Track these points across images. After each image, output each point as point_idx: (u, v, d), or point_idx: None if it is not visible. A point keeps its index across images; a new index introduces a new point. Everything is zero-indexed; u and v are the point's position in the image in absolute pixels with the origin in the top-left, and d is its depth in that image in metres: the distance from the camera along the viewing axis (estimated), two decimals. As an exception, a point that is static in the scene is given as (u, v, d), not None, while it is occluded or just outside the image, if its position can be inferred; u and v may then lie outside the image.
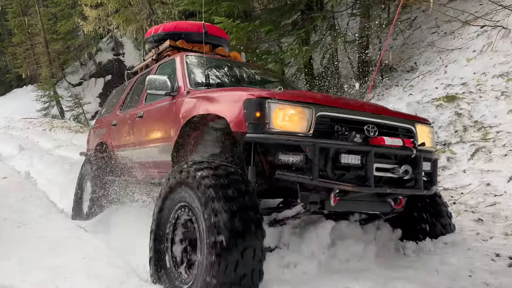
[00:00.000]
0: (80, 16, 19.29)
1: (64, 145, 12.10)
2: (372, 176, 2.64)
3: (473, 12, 9.92)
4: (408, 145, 2.79)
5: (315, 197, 2.75)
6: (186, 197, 2.70)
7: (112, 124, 5.43)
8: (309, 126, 2.64)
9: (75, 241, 3.60)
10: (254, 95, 2.69)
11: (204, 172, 2.56)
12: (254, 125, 2.63)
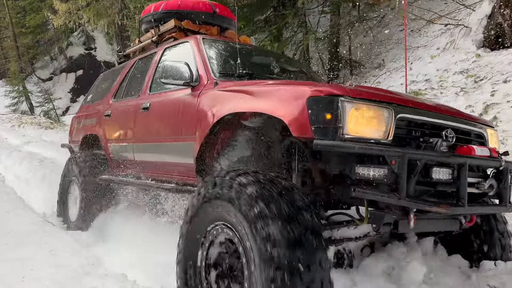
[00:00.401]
0: (50, 10, 18.88)
1: (33, 141, 11.90)
2: (465, 194, 2.16)
3: (438, 11, 10.27)
4: (494, 154, 2.40)
5: (389, 218, 2.34)
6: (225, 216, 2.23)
7: (105, 115, 4.82)
8: (388, 131, 2.19)
9: (42, 235, 3.64)
10: (323, 91, 2.21)
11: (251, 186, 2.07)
12: (323, 130, 2.14)
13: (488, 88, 6.26)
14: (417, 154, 2.10)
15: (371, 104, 2.16)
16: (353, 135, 2.11)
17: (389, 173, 2.09)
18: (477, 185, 2.36)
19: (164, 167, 3.69)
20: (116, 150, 4.53)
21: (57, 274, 2.77)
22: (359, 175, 2.16)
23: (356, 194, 2.19)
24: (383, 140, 2.17)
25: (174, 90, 3.54)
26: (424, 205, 2.11)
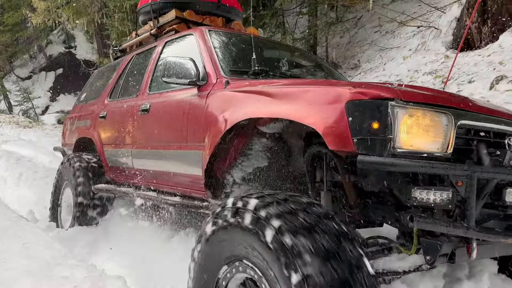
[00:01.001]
0: (29, 8, 18.71)
1: (11, 140, 11.82)
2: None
3: (412, 13, 10.56)
4: None
5: (447, 248, 1.92)
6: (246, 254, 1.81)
7: (100, 116, 4.47)
8: (448, 143, 1.76)
9: (16, 230, 3.72)
10: (367, 94, 1.77)
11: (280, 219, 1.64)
12: (369, 142, 1.73)
13: (454, 88, 6.51)
14: (490, 172, 1.73)
15: (427, 109, 1.74)
16: (407, 148, 1.71)
17: (454, 196, 1.73)
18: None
19: (167, 177, 3.33)
20: (113, 156, 4.20)
21: (29, 265, 2.87)
22: (416, 200, 1.73)
23: (416, 224, 1.74)
24: (442, 154, 1.75)
25: (177, 90, 3.20)
26: (498, 236, 1.77)
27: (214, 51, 3.08)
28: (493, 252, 2.17)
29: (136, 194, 3.63)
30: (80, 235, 3.84)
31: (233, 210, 1.85)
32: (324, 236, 1.57)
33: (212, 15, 4.27)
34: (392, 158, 1.66)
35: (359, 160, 1.72)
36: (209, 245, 1.98)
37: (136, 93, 3.92)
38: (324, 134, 1.84)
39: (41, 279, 2.67)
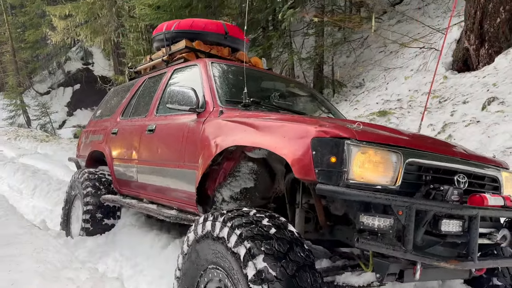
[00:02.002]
0: (49, 26, 19.52)
1: (28, 153, 12.33)
2: (476, 248, 1.95)
3: (415, 33, 10.83)
4: (509, 204, 2.17)
5: (395, 268, 2.15)
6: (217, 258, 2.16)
7: (112, 132, 4.75)
8: (396, 177, 2.01)
9: (28, 237, 4.06)
10: (328, 132, 2.04)
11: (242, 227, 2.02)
12: (326, 173, 2.00)
13: (449, 108, 6.74)
14: (426, 205, 1.91)
15: (379, 147, 2.00)
16: (359, 180, 1.97)
17: (395, 223, 1.94)
18: (489, 236, 2.15)
19: (166, 192, 3.60)
20: (120, 169, 4.48)
21: (38, 267, 3.19)
22: (363, 224, 1.97)
23: (360, 245, 2.02)
24: (390, 187, 2.00)
25: (180, 115, 3.45)
26: (431, 259, 1.92)
27: (214, 82, 3.36)
28: (438, 276, 2.43)
29: (138, 206, 3.92)
30: (86, 243, 4.16)
31: (207, 222, 2.20)
32: (278, 241, 1.91)
33: (219, 45, 4.53)
34: (345, 188, 1.93)
35: (318, 188, 1.99)
36: (190, 252, 2.35)
37: (145, 114, 4.21)
38: (292, 164, 2.13)
39: (49, 280, 2.98)
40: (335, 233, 2.45)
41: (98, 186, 4.61)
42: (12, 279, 3.02)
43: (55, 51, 25.47)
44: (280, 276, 1.78)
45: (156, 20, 12.04)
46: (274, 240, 1.92)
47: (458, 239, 2.02)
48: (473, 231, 1.93)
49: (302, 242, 2.01)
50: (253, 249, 1.88)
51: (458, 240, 2.03)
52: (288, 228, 2.05)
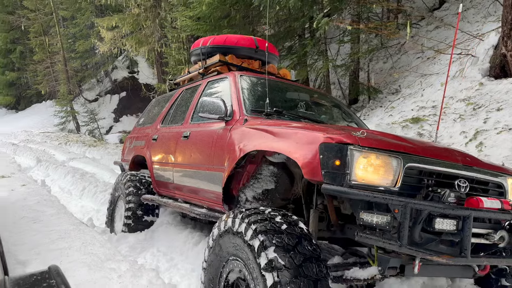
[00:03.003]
0: (97, 37, 20.57)
1: (77, 157, 13.10)
2: (469, 246, 2.11)
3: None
4: (506, 207, 2.31)
5: (395, 262, 2.37)
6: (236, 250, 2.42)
7: (152, 138, 5.12)
8: (396, 180, 2.22)
9: (77, 232, 4.49)
10: (334, 139, 2.27)
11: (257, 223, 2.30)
12: (331, 175, 2.23)
13: (483, 115, 6.72)
14: (420, 204, 2.08)
15: (379, 153, 2.20)
16: (360, 182, 2.17)
17: (392, 220, 2.11)
18: (487, 236, 2.30)
19: (198, 192, 3.90)
20: (159, 172, 4.83)
21: (85, 259, 3.59)
22: (363, 221, 2.19)
23: (359, 238, 2.25)
24: (390, 188, 2.20)
25: (211, 123, 3.73)
26: (424, 253, 2.10)
27: (241, 93, 3.65)
28: (439, 272, 2.58)
29: (173, 204, 4.30)
30: (127, 238, 4.55)
31: (229, 219, 2.50)
32: (288, 236, 2.18)
33: (250, 58, 4.85)
34: (347, 188, 2.15)
35: (323, 188, 2.24)
36: (214, 246, 2.64)
37: (181, 122, 4.56)
38: (302, 166, 2.38)
39: (94, 269, 3.36)
40: (345, 231, 2.69)
41: (139, 186, 5.02)
42: (62, 268, 3.42)
43: (103, 61, 26.66)
44: (288, 265, 2.04)
45: (196, 30, 12.54)
46: (284, 234, 2.18)
47: (453, 238, 2.18)
48: (466, 230, 2.09)
49: (310, 238, 2.26)
50: (266, 242, 2.14)
51: (455, 239, 2.17)
52: (299, 225, 2.31)
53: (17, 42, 31.18)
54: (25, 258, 3.75)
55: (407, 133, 7.41)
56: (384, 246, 2.17)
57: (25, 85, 31.66)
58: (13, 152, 14.86)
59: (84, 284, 3.09)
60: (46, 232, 4.57)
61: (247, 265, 2.27)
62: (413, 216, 2.10)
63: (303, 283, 1.98)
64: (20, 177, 8.82)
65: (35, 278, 1.14)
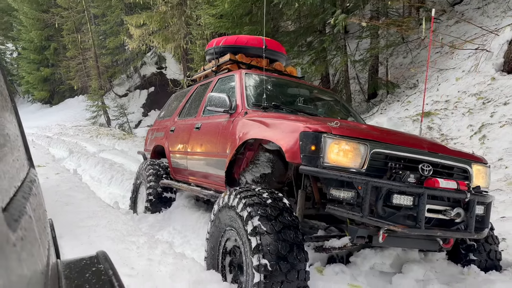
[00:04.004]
0: (127, 34, 21.29)
1: (107, 149, 13.81)
2: (423, 218, 2.45)
3: (473, 34, 10.81)
4: (462, 188, 2.62)
5: (363, 232, 2.70)
6: (231, 221, 2.79)
7: (170, 130, 5.56)
8: (363, 162, 2.56)
9: (104, 213, 5.02)
10: (311, 128, 2.66)
11: (247, 198, 2.68)
12: (308, 158, 2.61)
13: (490, 109, 6.92)
14: (379, 182, 2.43)
15: (349, 140, 2.56)
16: (332, 164, 2.54)
17: (356, 195, 2.48)
18: (444, 212, 2.63)
19: (207, 177, 4.32)
20: (175, 160, 5.25)
21: (110, 234, 4.09)
22: (332, 196, 2.59)
23: (328, 210, 2.66)
24: (358, 170, 2.54)
25: (218, 115, 4.11)
26: (383, 223, 2.44)
27: (245, 89, 4.04)
28: (404, 244, 2.92)
29: (185, 187, 4.79)
30: (148, 218, 5.06)
31: (226, 196, 2.92)
32: (271, 208, 2.59)
33: (259, 57, 5.20)
34: (320, 169, 2.55)
35: (301, 168, 2.65)
36: (214, 219, 3.07)
37: (195, 115, 4.99)
38: (285, 151, 2.81)
39: (116, 242, 3.86)
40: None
41: (158, 173, 5.51)
42: (90, 241, 3.93)
43: (132, 57, 27.34)
44: (269, 231, 2.44)
45: (219, 28, 13.00)
46: (268, 207, 2.59)
47: (411, 212, 2.52)
48: (420, 205, 2.45)
49: (291, 211, 2.66)
50: (252, 212, 2.56)
51: (413, 213, 2.51)
52: (282, 200, 2.71)
53: (51, 39, 32.33)
54: (59, 233, 4.30)
55: (417, 127, 7.66)
56: (349, 216, 2.57)
57: (58, 80, 32.61)
58: (48, 144, 15.76)
59: (108, 253, 3.59)
60: (76, 213, 5.12)
61: (239, 232, 2.67)
62: (375, 192, 2.47)
63: (281, 246, 2.38)
64: (54, 167, 9.52)
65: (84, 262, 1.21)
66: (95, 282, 1.09)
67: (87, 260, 1.24)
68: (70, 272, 1.15)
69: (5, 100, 0.91)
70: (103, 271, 1.14)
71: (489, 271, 3.16)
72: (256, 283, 2.38)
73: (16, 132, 0.98)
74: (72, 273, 1.14)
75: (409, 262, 3.12)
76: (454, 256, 3.33)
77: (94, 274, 1.13)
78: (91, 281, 1.09)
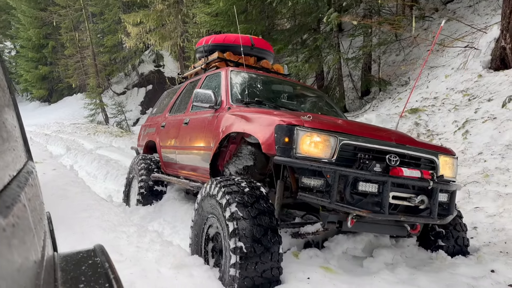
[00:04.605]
0: (124, 32, 21.43)
1: (104, 146, 14.00)
2: (387, 204, 2.64)
3: (463, 32, 10.99)
4: (426, 176, 2.79)
5: (333, 218, 2.86)
6: (212, 209, 2.96)
7: (161, 126, 5.71)
8: (333, 153, 2.73)
9: (97, 206, 5.21)
10: (285, 121, 2.82)
11: (226, 187, 2.85)
12: (282, 149, 2.76)
13: (475, 105, 7.10)
14: (346, 171, 2.63)
15: (320, 132, 2.74)
16: (304, 154, 2.71)
17: (325, 183, 2.69)
18: (409, 199, 2.82)
19: (194, 170, 4.50)
20: (166, 154, 5.42)
21: (102, 224, 4.28)
22: (303, 184, 2.78)
23: (300, 197, 2.85)
24: (328, 160, 2.72)
25: (205, 111, 4.28)
26: (349, 208, 2.63)
27: (229, 86, 4.20)
28: (373, 229, 3.08)
29: (174, 180, 4.95)
30: (139, 210, 5.25)
31: (207, 186, 3.10)
32: (248, 196, 2.77)
33: (246, 55, 5.33)
34: (292, 159, 2.72)
35: (275, 159, 2.83)
36: (198, 208, 3.25)
37: (184, 111, 5.14)
38: (262, 143, 2.98)
39: (108, 232, 4.05)
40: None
41: (149, 167, 5.70)
42: (83, 231, 4.12)
43: (130, 55, 27.39)
44: (246, 216, 2.64)
45: (214, 26, 13.16)
46: (246, 195, 2.77)
47: (377, 199, 2.72)
48: (384, 192, 2.66)
49: (267, 198, 2.84)
50: (230, 200, 2.74)
51: (378, 200, 2.71)
52: (260, 189, 2.89)
53: (49, 38, 32.42)
54: (54, 225, 4.49)
55: (405, 123, 7.85)
56: (318, 203, 2.76)
57: (57, 78, 32.72)
58: (46, 141, 15.94)
59: (100, 241, 3.78)
60: (71, 206, 5.31)
61: (219, 219, 2.86)
62: (343, 180, 2.66)
63: (255, 230, 2.57)
64: (51, 163, 9.70)
65: (81, 255, 1.22)
66: (91, 274, 1.09)
67: (84, 253, 1.25)
68: (66, 265, 1.15)
69: (3, 91, 0.92)
70: (99, 264, 1.15)
71: (456, 256, 3.37)
72: (232, 264, 2.56)
73: (13, 123, 0.98)
74: (68, 266, 1.15)
75: (380, 247, 3.31)
76: (424, 243, 3.54)
77: (90, 267, 1.13)
78: (87, 273, 1.10)
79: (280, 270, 2.64)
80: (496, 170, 4.98)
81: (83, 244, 3.63)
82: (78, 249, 1.29)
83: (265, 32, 13.39)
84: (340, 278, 2.73)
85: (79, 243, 3.80)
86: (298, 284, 2.57)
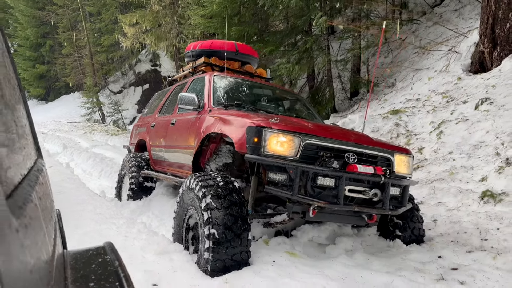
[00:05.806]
0: (121, 32, 21.72)
1: (99, 145, 14.33)
2: (342, 196, 2.99)
3: (448, 35, 11.37)
4: (379, 172, 3.12)
5: (297, 208, 3.17)
6: (191, 201, 3.29)
7: (151, 125, 6.01)
8: (297, 152, 3.06)
9: (91, 200, 5.57)
10: (255, 123, 3.13)
11: (203, 181, 3.19)
12: (252, 148, 3.07)
13: (452, 107, 7.46)
14: (306, 167, 2.96)
15: (285, 133, 3.07)
16: (271, 152, 3.03)
17: (288, 178, 3.03)
18: (363, 192, 3.16)
19: (180, 167, 4.77)
20: (155, 152, 5.73)
21: (95, 217, 4.64)
22: (269, 178, 3.12)
23: (266, 190, 3.17)
24: (293, 157, 3.05)
25: (189, 113, 4.55)
26: (308, 200, 2.97)
27: (212, 89, 4.53)
28: (334, 219, 3.41)
29: (161, 176, 5.27)
30: (130, 204, 5.57)
31: (187, 180, 3.45)
32: (221, 189, 3.13)
33: (231, 60, 5.71)
34: (260, 156, 3.05)
35: (246, 156, 3.14)
36: (180, 201, 3.60)
37: (171, 112, 5.44)
38: (235, 142, 3.32)
39: (99, 223, 4.41)
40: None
41: (140, 164, 6.03)
42: (76, 224, 4.47)
43: (127, 54, 27.61)
44: (219, 207, 2.99)
45: (208, 28, 13.50)
46: (220, 188, 3.13)
47: (334, 192, 3.07)
48: (340, 185, 3.02)
49: (239, 191, 3.20)
50: (205, 192, 3.09)
51: (335, 192, 3.05)
52: (233, 183, 3.26)
53: (47, 37, 32.74)
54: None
55: (386, 123, 8.22)
56: (282, 195, 3.10)
57: (54, 77, 33.03)
58: (43, 140, 16.25)
59: (91, 232, 4.13)
60: (66, 201, 5.66)
61: (197, 210, 3.20)
62: (305, 175, 3.01)
63: (227, 218, 2.93)
64: (47, 161, 10.04)
65: (91, 253, 1.23)
66: (101, 273, 1.09)
67: (94, 250, 1.25)
68: (76, 263, 1.16)
69: (13, 88, 0.91)
70: (109, 262, 1.14)
71: (410, 244, 3.74)
72: (206, 248, 2.92)
73: (24, 121, 0.98)
74: (78, 264, 1.15)
75: (342, 235, 3.69)
76: (384, 232, 3.93)
77: (100, 265, 1.14)
78: (97, 271, 1.09)
79: (248, 254, 2.99)
80: (461, 168, 5.34)
81: (76, 234, 4.00)
82: (87, 246, 1.31)
83: (258, 34, 13.77)
84: (302, 261, 3.09)
85: (72, 234, 4.15)
86: (263, 266, 2.92)
